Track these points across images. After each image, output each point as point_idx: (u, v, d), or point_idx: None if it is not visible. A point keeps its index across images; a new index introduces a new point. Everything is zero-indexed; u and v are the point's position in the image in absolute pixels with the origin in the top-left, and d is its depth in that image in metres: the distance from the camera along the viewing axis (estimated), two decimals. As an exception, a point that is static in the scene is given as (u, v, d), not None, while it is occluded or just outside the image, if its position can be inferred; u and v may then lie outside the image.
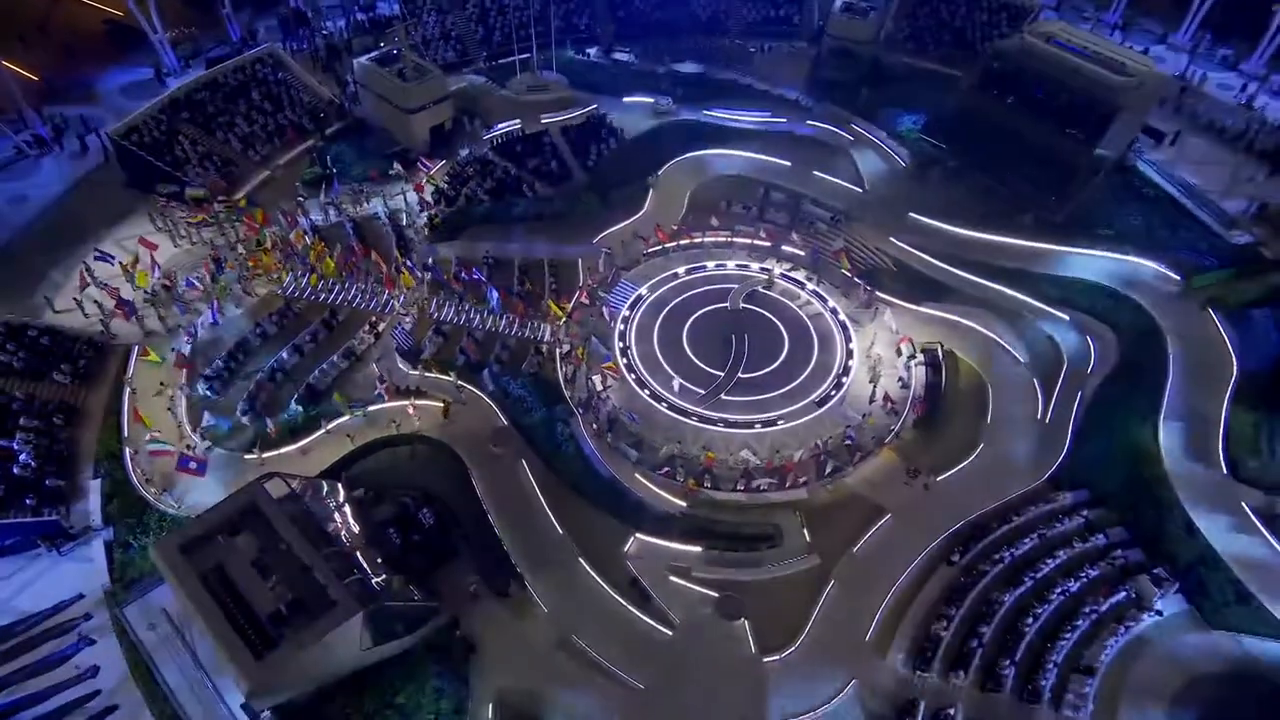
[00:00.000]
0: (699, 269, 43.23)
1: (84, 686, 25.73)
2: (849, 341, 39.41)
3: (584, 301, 40.70)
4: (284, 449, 32.98)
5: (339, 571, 22.95)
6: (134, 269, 38.03)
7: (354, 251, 41.04)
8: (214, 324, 37.47)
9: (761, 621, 29.09)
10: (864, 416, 35.97)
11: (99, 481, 31.50)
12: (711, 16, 61.81)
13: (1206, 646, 28.43)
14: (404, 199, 45.16)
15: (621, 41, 59.49)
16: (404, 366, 36.59)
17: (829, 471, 33.72)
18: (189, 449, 32.25)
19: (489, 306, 39.54)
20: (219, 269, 39.74)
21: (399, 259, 41.03)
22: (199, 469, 30.55)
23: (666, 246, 43.76)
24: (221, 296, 38.42)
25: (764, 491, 33.16)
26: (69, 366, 34.63)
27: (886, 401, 36.16)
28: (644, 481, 33.27)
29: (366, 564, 25.07)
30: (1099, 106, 41.07)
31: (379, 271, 40.09)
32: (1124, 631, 28.73)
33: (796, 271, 43.10)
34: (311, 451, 33.10)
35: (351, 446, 33.20)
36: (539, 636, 28.67)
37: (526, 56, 52.31)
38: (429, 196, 44.42)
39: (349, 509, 28.46)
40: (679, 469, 33.50)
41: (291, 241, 41.42)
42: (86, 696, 25.53)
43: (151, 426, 32.74)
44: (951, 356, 38.46)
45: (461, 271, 40.26)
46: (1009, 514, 32.42)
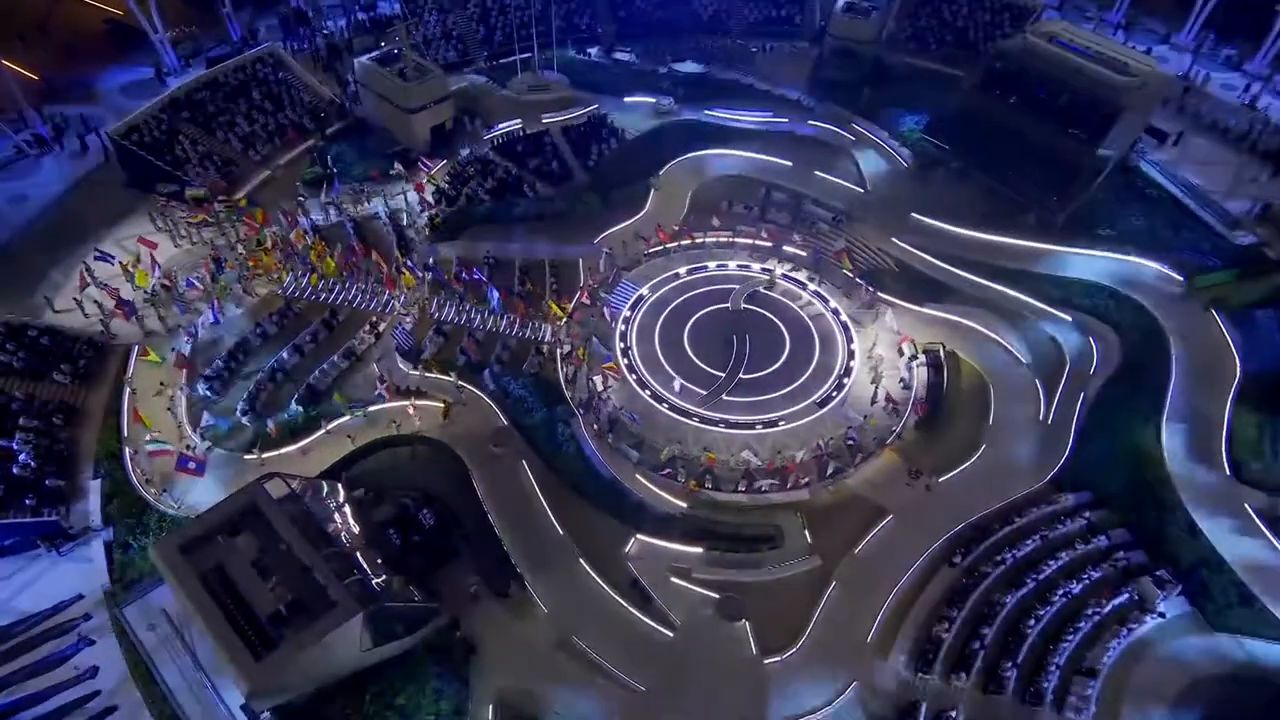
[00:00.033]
0: (700, 269, 43.17)
1: (83, 687, 25.69)
2: (850, 342, 39.34)
3: (585, 302, 40.64)
4: (284, 449, 32.91)
5: (339, 572, 22.85)
6: (134, 269, 37.99)
7: (354, 251, 40.98)
8: (214, 324, 37.42)
9: (763, 623, 28.99)
10: (865, 417, 35.90)
11: (99, 482, 31.44)
12: (713, 16, 61.74)
13: (1209, 649, 28.31)
14: (405, 199, 45.10)
15: (623, 41, 59.41)
16: (404, 367, 36.52)
17: (830, 472, 33.65)
18: (189, 449, 32.22)
19: (490, 307, 39.47)
20: (219, 269, 39.69)
21: (400, 259, 40.97)
22: (198, 469, 30.53)
23: (668, 247, 43.70)
24: (222, 296, 38.36)
25: (765, 492, 33.07)
26: (69, 366, 34.58)
27: (888, 402, 36.08)
28: (645, 482, 33.18)
29: (366, 564, 24.96)
30: (1102, 107, 40.95)
31: (379, 271, 40.03)
32: (1126, 633, 28.62)
33: (798, 272, 43.03)
34: (311, 452, 33.04)
35: (352, 447, 33.13)
36: (539, 637, 28.59)
37: (527, 56, 52.30)
38: (430, 196, 44.37)
39: (349, 509, 28.37)
40: (680, 470, 33.44)
41: (292, 241, 41.37)
42: (86, 697, 25.50)
43: (151, 426, 32.72)
44: (953, 357, 38.36)
45: (462, 271, 40.20)
46: (1011, 515, 32.31)
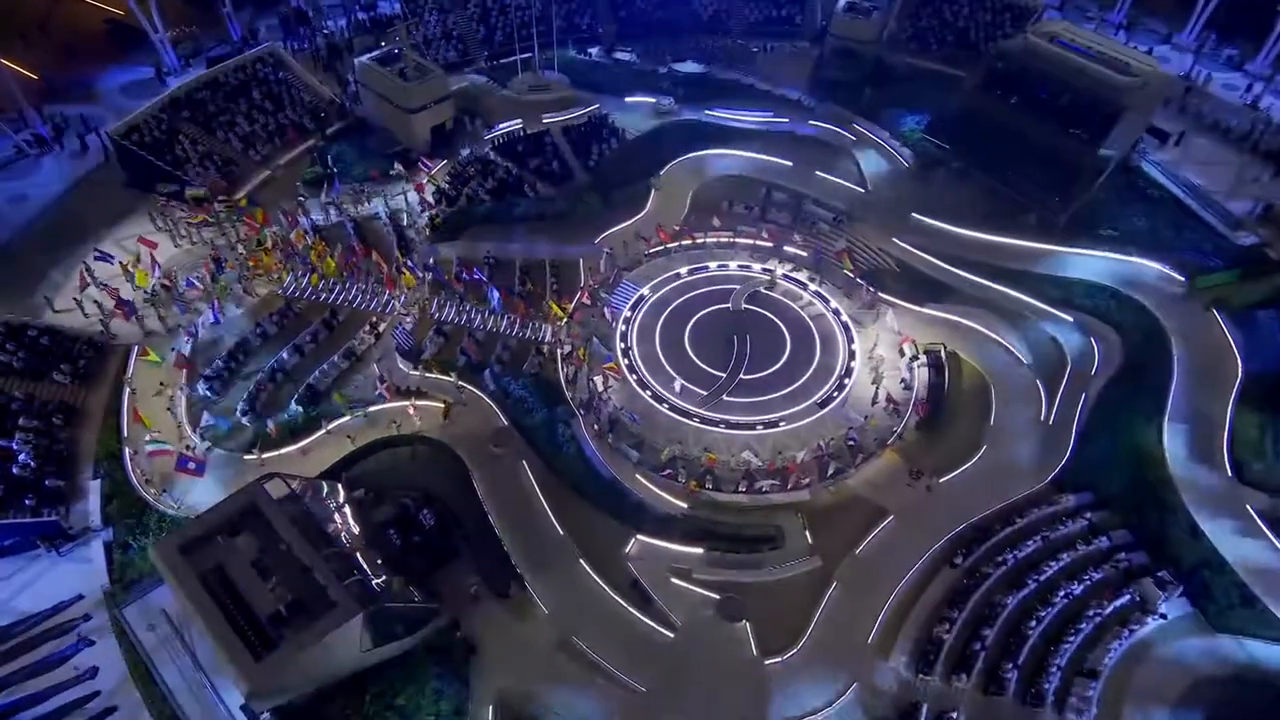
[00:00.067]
0: (701, 269, 43.13)
1: (83, 687, 25.62)
2: (851, 342, 39.31)
3: (585, 302, 40.60)
4: (284, 449, 32.87)
5: (339, 572, 22.81)
6: (134, 269, 37.95)
7: (355, 251, 40.94)
8: (214, 324, 37.38)
9: (763, 624, 28.94)
10: (866, 418, 35.86)
11: (98, 482, 31.38)
12: (713, 16, 61.73)
13: (1210, 650, 28.25)
14: (405, 199, 45.06)
15: (623, 41, 59.39)
16: (404, 367, 36.48)
17: (831, 473, 33.60)
18: (189, 449, 32.18)
19: (490, 307, 39.43)
20: (219, 269, 39.65)
21: (400, 259, 40.93)
22: (197, 469, 30.48)
23: (668, 247, 43.66)
24: (222, 296, 38.32)
25: (766, 493, 33.03)
26: (69, 366, 34.54)
27: (889, 403, 36.03)
28: (645, 483, 33.14)
29: (367, 565, 24.91)
30: (1103, 107, 40.88)
31: (380, 272, 39.99)
32: (1128, 635, 28.56)
33: (799, 272, 42.99)
34: (311, 452, 33.00)
35: (352, 447, 33.09)
36: (539, 638, 28.54)
37: (528, 56, 52.28)
38: (430, 196, 44.34)
39: (349, 510, 28.32)
40: (680, 470, 33.40)
41: (292, 241, 41.33)
42: (86, 697, 25.43)
43: (151, 427, 32.67)
44: (954, 358, 38.30)
45: (462, 271, 40.15)
46: (1012, 516, 32.24)
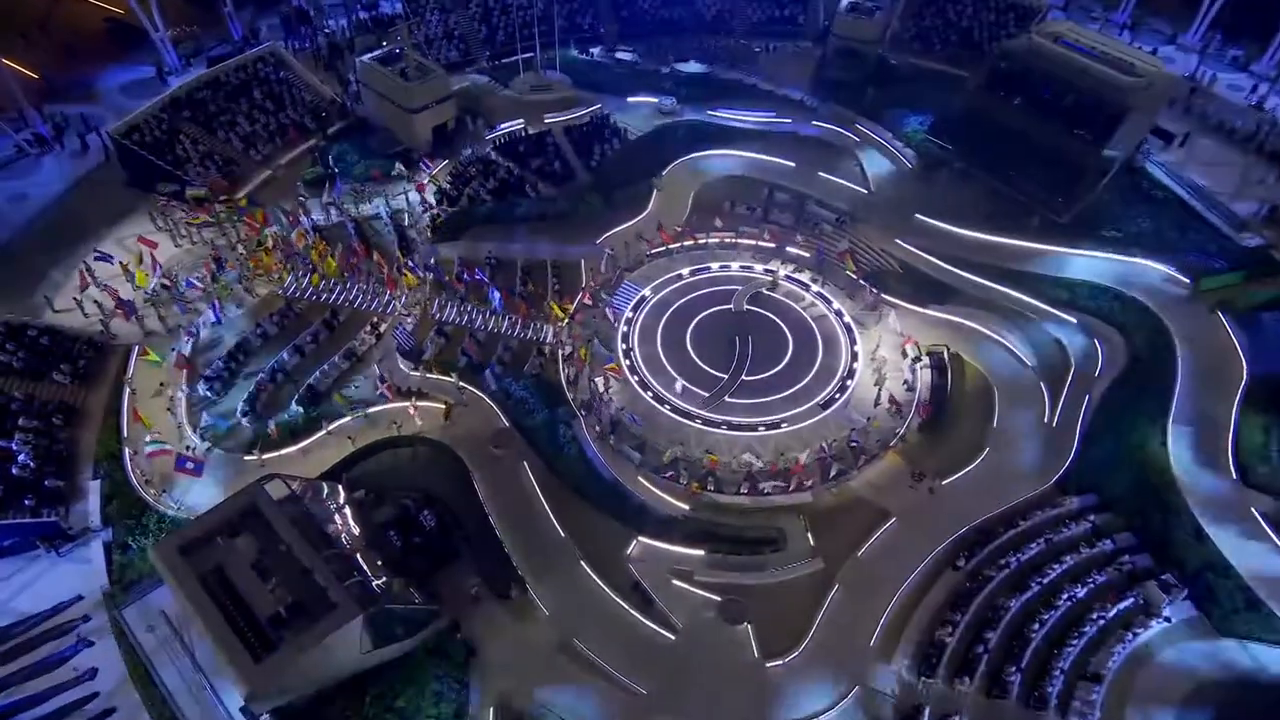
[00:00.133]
0: (703, 270, 43.01)
1: (82, 688, 25.58)
2: (854, 344, 39.18)
3: (587, 302, 40.50)
4: (284, 450, 32.78)
5: (339, 574, 22.78)
6: (134, 269, 37.86)
7: (355, 252, 40.87)
8: (215, 324, 37.33)
9: (765, 626, 28.83)
10: (869, 419, 35.73)
11: (98, 482, 31.33)
12: (716, 16, 61.54)
13: (1215, 654, 28.07)
14: (406, 199, 44.98)
15: (625, 41, 59.23)
16: (405, 367, 36.39)
17: (833, 475, 33.47)
18: (188, 449, 32.10)
19: (491, 307, 39.33)
20: (220, 269, 39.60)
21: (401, 259, 40.85)
22: (196, 469, 30.40)
23: (670, 247, 43.55)
24: (222, 296, 38.25)
25: (768, 495, 32.90)
26: (69, 366, 34.48)
27: (891, 404, 35.91)
28: (646, 484, 33.03)
29: (367, 566, 24.85)
30: (1107, 107, 40.72)
31: (380, 272, 39.92)
32: (1131, 638, 28.38)
33: (801, 273, 42.86)
34: (312, 452, 32.92)
35: (352, 448, 33.03)
36: (540, 640, 28.45)
37: (530, 56, 52.17)
38: (431, 196, 44.29)
39: (349, 511, 28.30)
40: (682, 472, 33.28)
41: (293, 241, 41.27)
42: (85, 699, 25.38)
43: (151, 427, 32.62)
44: (957, 359, 38.15)
45: (464, 272, 40.07)
46: (1015, 518, 32.08)
